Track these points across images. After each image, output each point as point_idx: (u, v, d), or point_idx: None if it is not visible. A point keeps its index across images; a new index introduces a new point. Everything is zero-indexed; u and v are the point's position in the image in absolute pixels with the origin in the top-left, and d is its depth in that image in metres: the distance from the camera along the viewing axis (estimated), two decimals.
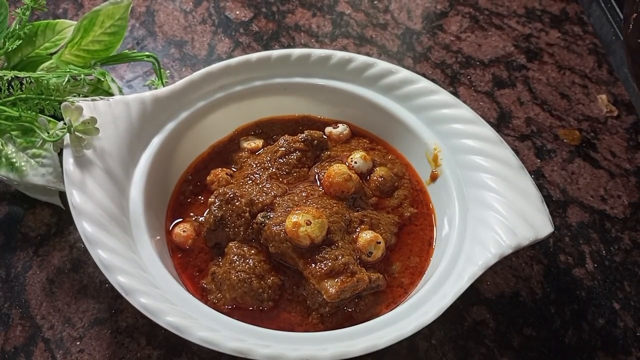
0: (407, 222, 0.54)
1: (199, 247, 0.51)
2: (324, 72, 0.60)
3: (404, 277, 0.50)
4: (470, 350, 0.51)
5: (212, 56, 0.75)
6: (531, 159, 0.66)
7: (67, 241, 0.56)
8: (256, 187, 0.52)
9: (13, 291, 0.53)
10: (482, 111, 0.71)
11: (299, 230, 0.45)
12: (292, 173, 0.54)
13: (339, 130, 0.59)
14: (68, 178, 0.46)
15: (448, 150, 0.54)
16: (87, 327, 0.51)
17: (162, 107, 0.54)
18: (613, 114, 0.71)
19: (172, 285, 0.45)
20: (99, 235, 0.44)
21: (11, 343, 0.50)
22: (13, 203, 0.59)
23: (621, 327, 0.53)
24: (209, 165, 0.57)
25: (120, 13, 0.60)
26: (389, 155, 0.58)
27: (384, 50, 0.78)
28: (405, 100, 0.58)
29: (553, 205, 0.62)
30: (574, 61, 0.77)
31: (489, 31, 0.81)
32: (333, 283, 0.45)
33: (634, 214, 0.62)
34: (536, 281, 0.56)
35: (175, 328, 0.40)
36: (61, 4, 0.81)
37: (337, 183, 0.51)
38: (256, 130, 0.60)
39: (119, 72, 0.72)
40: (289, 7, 0.82)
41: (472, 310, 0.53)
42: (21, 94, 0.53)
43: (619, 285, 0.56)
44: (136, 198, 0.50)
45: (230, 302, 0.47)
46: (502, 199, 0.48)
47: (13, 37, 0.58)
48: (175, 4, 0.82)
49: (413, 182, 0.57)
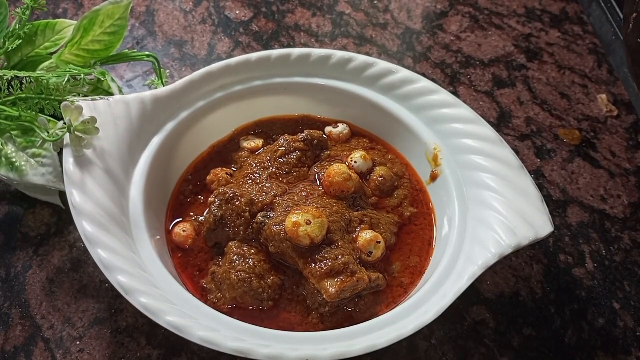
0: (407, 221, 0.54)
1: (199, 247, 0.51)
2: (324, 72, 0.60)
3: (404, 277, 0.50)
4: (470, 350, 0.51)
5: (212, 56, 0.75)
6: (531, 158, 0.66)
7: (67, 241, 0.56)
8: (256, 187, 0.52)
9: (13, 291, 0.53)
10: (482, 111, 0.71)
11: (299, 230, 0.45)
12: (292, 173, 0.54)
13: (339, 130, 0.59)
14: (68, 178, 0.46)
15: (448, 150, 0.54)
16: (87, 327, 0.51)
17: (162, 107, 0.54)
18: (613, 114, 0.71)
19: (172, 285, 0.45)
20: (99, 235, 0.44)
21: (11, 343, 0.50)
22: (13, 203, 0.59)
23: (621, 327, 0.53)
24: (209, 165, 0.57)
25: (120, 13, 0.60)
26: (389, 155, 0.58)
27: (384, 50, 0.78)
28: (405, 100, 0.58)
29: (553, 205, 0.62)
30: (574, 61, 0.77)
31: (489, 31, 0.81)
32: (333, 283, 0.45)
33: (634, 214, 0.62)
34: (536, 281, 0.56)
35: (175, 328, 0.40)
36: (61, 3, 0.81)
37: (337, 183, 0.51)
38: (256, 130, 0.61)
39: (119, 72, 0.72)
40: (289, 6, 0.82)
41: (472, 310, 0.53)
42: (21, 94, 0.53)
43: (619, 285, 0.56)
44: (136, 198, 0.50)
45: (230, 302, 0.47)
46: (502, 199, 0.48)
47: (13, 36, 0.58)
48: (175, 4, 0.82)
49: (413, 181, 0.57)
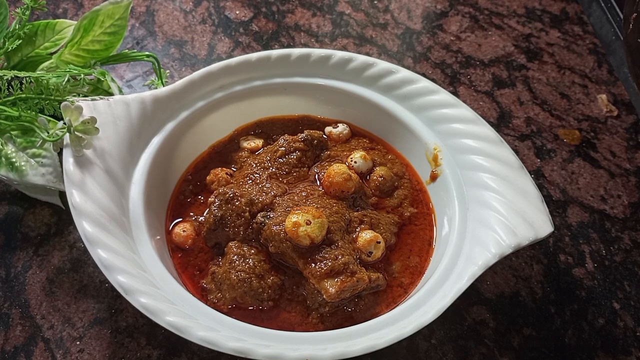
0: (407, 221, 0.54)
1: (199, 247, 0.51)
2: (323, 72, 0.60)
3: (404, 277, 0.50)
4: (470, 350, 0.51)
5: (212, 56, 0.75)
6: (531, 158, 0.66)
7: (67, 241, 0.56)
8: (256, 187, 0.52)
9: (13, 291, 0.53)
10: (482, 111, 0.71)
11: (298, 230, 0.45)
12: (292, 173, 0.54)
13: (338, 130, 0.59)
14: (68, 178, 0.46)
15: (448, 150, 0.54)
16: (87, 327, 0.51)
17: (162, 107, 0.54)
18: (613, 114, 0.71)
19: (172, 285, 0.45)
20: (99, 235, 0.44)
21: (11, 343, 0.50)
22: (13, 203, 0.59)
23: (621, 327, 0.53)
24: (209, 165, 0.57)
25: (120, 13, 0.60)
26: (389, 155, 0.58)
27: (384, 50, 0.78)
28: (405, 100, 0.58)
29: (553, 205, 0.62)
30: (574, 61, 0.77)
31: (489, 31, 0.81)
32: (333, 283, 0.45)
33: (634, 213, 0.62)
34: (536, 281, 0.56)
35: (175, 328, 0.40)
36: (61, 3, 0.81)
37: (337, 183, 0.51)
38: (256, 129, 0.61)
39: (119, 72, 0.72)
40: (289, 6, 0.82)
41: (472, 310, 0.53)
42: (21, 94, 0.53)
43: (619, 285, 0.56)
44: (136, 198, 0.50)
45: (230, 302, 0.47)
46: (502, 199, 0.48)
47: (13, 36, 0.58)
48: (175, 4, 0.82)
49: (413, 181, 0.57)
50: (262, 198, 0.50)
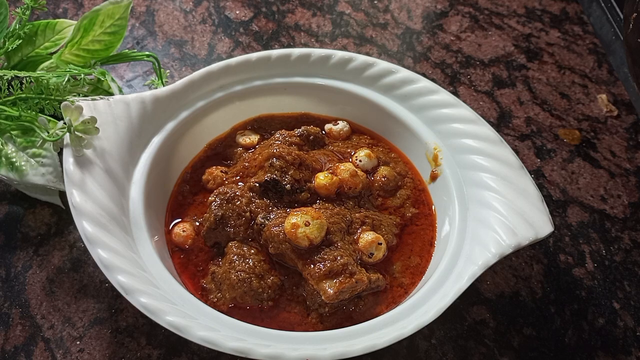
0: (409, 222, 0.54)
1: (198, 246, 0.51)
2: (324, 72, 0.60)
3: (405, 277, 0.50)
4: (470, 350, 0.51)
5: (212, 56, 0.75)
6: (531, 158, 0.66)
7: (67, 241, 0.56)
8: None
9: (13, 291, 0.53)
10: (482, 111, 0.71)
11: (297, 231, 0.45)
12: None
13: (339, 127, 0.59)
14: (68, 178, 0.46)
15: (448, 149, 0.54)
16: (87, 327, 0.51)
17: (162, 107, 0.54)
18: (613, 114, 0.71)
19: (172, 285, 0.45)
20: (99, 234, 0.44)
21: (11, 343, 0.50)
22: (13, 203, 0.59)
23: (621, 326, 0.53)
24: (206, 164, 0.57)
25: (120, 13, 0.60)
26: (392, 154, 0.58)
27: (384, 50, 0.78)
28: (405, 100, 0.58)
29: (553, 205, 0.62)
30: (574, 61, 0.77)
31: (489, 31, 0.81)
32: (332, 284, 0.45)
33: (634, 213, 0.62)
34: (536, 281, 0.56)
35: (175, 328, 0.40)
36: (61, 3, 0.81)
37: (344, 179, 0.50)
38: (254, 124, 0.60)
39: (119, 72, 0.72)
40: (289, 6, 0.82)
41: (472, 310, 0.53)
42: (21, 94, 0.53)
43: (619, 285, 0.56)
44: (136, 198, 0.50)
45: (230, 302, 0.47)
46: (502, 199, 0.48)
47: (13, 36, 0.58)
48: (175, 4, 0.82)
49: (415, 180, 0.57)
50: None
